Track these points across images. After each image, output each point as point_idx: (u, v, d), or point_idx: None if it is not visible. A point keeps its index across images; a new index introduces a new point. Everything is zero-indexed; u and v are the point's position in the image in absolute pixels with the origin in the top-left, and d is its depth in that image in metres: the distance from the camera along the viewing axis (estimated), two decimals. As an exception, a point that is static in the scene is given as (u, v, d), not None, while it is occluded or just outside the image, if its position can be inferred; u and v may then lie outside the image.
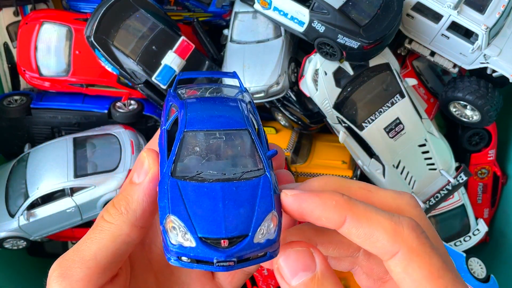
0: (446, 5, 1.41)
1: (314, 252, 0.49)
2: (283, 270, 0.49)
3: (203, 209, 0.51)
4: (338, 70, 1.50)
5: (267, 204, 0.51)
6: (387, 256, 0.48)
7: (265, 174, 0.54)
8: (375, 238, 0.48)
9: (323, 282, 0.47)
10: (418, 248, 0.47)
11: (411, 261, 0.47)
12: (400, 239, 0.47)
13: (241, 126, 0.57)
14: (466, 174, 1.61)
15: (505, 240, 1.81)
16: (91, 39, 1.49)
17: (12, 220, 1.52)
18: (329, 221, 0.50)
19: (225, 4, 1.75)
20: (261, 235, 0.50)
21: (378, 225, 0.48)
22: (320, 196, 0.50)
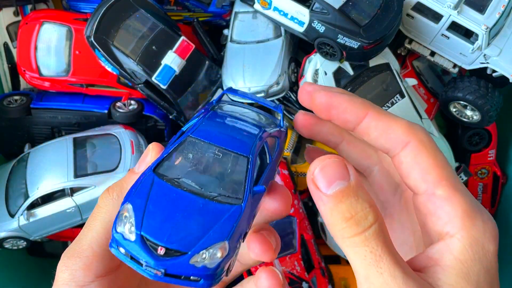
0: (446, 5, 1.41)
1: (347, 165, 0.51)
2: (319, 180, 0.50)
3: (160, 211, 0.50)
4: (338, 70, 1.50)
5: (223, 233, 0.49)
6: (399, 147, 0.54)
7: (239, 206, 0.51)
8: (392, 129, 0.55)
9: (357, 190, 0.49)
10: (427, 142, 0.54)
11: (420, 151, 0.53)
12: (413, 132, 0.54)
13: (243, 152, 0.55)
14: (466, 174, 1.61)
15: (505, 240, 1.81)
16: (91, 39, 1.49)
17: (12, 220, 1.52)
18: (354, 113, 0.57)
19: (225, 4, 1.75)
20: (200, 259, 0.48)
21: (395, 120, 0.55)
22: (348, 93, 0.58)
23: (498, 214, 1.89)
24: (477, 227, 0.52)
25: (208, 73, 1.65)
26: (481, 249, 0.51)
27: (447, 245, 0.50)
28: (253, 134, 0.57)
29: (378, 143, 0.57)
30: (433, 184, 0.52)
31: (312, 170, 0.50)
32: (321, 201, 0.50)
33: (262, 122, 0.63)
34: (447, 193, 0.52)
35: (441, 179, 0.52)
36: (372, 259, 0.46)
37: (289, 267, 1.53)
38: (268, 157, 0.59)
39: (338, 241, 0.50)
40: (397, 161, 0.55)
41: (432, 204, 0.52)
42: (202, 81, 1.64)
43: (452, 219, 0.51)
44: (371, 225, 0.48)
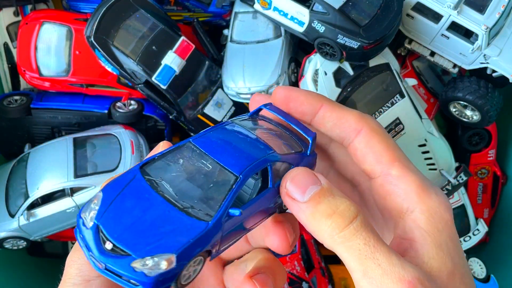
0: (446, 5, 1.41)
1: (312, 171, 0.54)
2: (293, 191, 0.52)
3: (126, 207, 0.50)
4: (338, 70, 1.50)
5: (175, 245, 0.47)
6: (353, 134, 0.59)
7: (205, 223, 0.49)
8: (345, 119, 0.59)
9: (331, 190, 0.51)
10: (377, 128, 0.59)
11: (372, 137, 0.58)
12: (364, 120, 0.59)
13: (235, 170, 0.53)
14: (466, 174, 1.61)
15: (505, 240, 1.81)
16: (91, 39, 1.49)
17: (12, 220, 1.52)
18: (310, 104, 0.61)
19: (225, 4, 1.75)
20: (141, 265, 0.46)
21: (347, 111, 0.61)
22: (305, 90, 0.63)
23: (498, 214, 1.89)
24: (432, 199, 0.54)
25: (208, 73, 1.65)
26: (441, 218, 0.53)
27: (413, 220, 0.53)
28: (256, 156, 0.55)
29: (334, 132, 0.61)
30: (387, 165, 0.56)
31: (283, 185, 0.53)
32: (301, 210, 0.51)
33: (282, 146, 0.60)
34: (400, 172, 0.56)
35: (394, 160, 0.56)
36: (367, 251, 0.47)
37: (289, 267, 1.53)
38: (270, 183, 0.56)
39: (328, 243, 0.50)
40: (352, 148, 0.60)
41: (389, 184, 0.56)
42: (202, 81, 1.64)
43: (408, 194, 0.54)
44: (356, 215, 0.49)
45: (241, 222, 0.54)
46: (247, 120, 0.64)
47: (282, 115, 0.63)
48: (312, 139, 0.62)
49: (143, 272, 0.46)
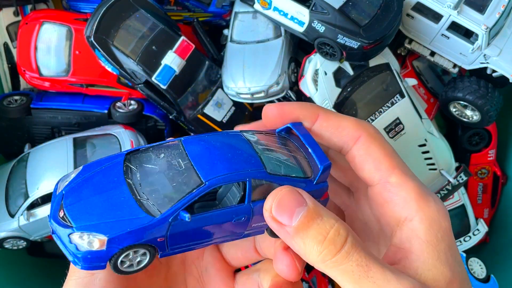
0: (446, 5, 1.41)
1: (297, 188, 0.52)
2: (279, 216, 0.50)
3: (93, 185, 0.53)
4: (338, 70, 1.50)
5: (112, 229, 0.49)
6: (351, 142, 0.58)
7: (150, 218, 0.51)
8: (342, 127, 0.58)
9: (317, 210, 0.50)
10: (376, 135, 0.58)
11: (371, 143, 0.57)
12: (362, 127, 0.58)
13: (202, 176, 0.53)
14: (466, 174, 1.61)
15: (505, 240, 1.81)
16: (91, 39, 1.49)
17: (12, 220, 1.52)
18: (305, 117, 0.59)
19: (225, 4, 1.75)
20: (78, 237, 0.49)
21: (344, 118, 0.59)
22: (298, 102, 0.66)
23: (498, 214, 1.89)
24: (431, 208, 0.54)
25: (208, 73, 1.65)
26: (439, 227, 0.53)
27: (411, 230, 0.53)
28: (238, 168, 0.54)
29: (331, 142, 0.60)
30: (386, 172, 0.56)
31: (268, 209, 0.50)
32: (289, 236, 0.49)
33: (282, 167, 0.58)
34: (399, 179, 0.56)
35: (393, 168, 0.56)
36: (361, 271, 0.46)
37: (289, 267, 1.53)
38: (246, 199, 0.56)
39: (320, 267, 0.49)
40: (351, 156, 0.59)
41: (387, 191, 0.55)
42: (202, 81, 1.64)
43: (408, 203, 0.54)
44: (346, 238, 0.48)
45: (195, 229, 0.53)
46: (259, 134, 0.62)
47: (305, 137, 0.61)
48: (323, 168, 0.58)
49: (76, 245, 0.50)
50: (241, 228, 0.58)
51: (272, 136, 0.63)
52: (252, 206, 0.56)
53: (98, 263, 0.51)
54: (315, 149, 0.60)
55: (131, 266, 0.54)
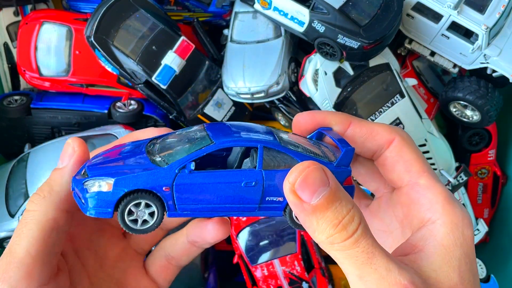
0: (446, 5, 1.41)
1: (323, 167, 0.51)
2: (301, 191, 0.49)
3: (117, 154, 0.57)
4: (338, 70, 1.50)
5: (119, 175, 0.53)
6: (385, 145, 0.60)
7: (157, 167, 0.54)
8: (376, 132, 0.60)
9: (338, 192, 0.50)
10: (408, 139, 0.60)
11: (404, 146, 0.59)
12: (395, 131, 0.60)
13: (214, 139, 0.56)
14: (466, 174, 1.61)
15: (505, 240, 1.81)
16: (91, 39, 1.49)
17: (12, 220, 1.52)
18: (338, 123, 0.61)
19: (225, 4, 1.75)
20: (89, 183, 0.53)
21: (376, 124, 0.61)
22: (329, 110, 0.63)
23: (498, 214, 1.89)
24: (457, 213, 0.54)
25: (208, 73, 1.65)
26: (461, 234, 0.52)
27: (430, 231, 0.53)
28: (251, 138, 0.57)
29: (365, 147, 0.61)
30: (416, 174, 0.57)
31: (292, 181, 0.49)
32: (305, 211, 0.49)
33: (300, 147, 0.59)
34: (428, 182, 0.56)
35: (423, 171, 0.57)
36: (364, 258, 0.47)
37: (289, 267, 1.53)
38: (258, 165, 0.56)
39: (324, 247, 0.50)
40: (382, 158, 0.60)
41: (415, 192, 0.56)
42: (202, 81, 1.64)
43: (433, 205, 0.54)
44: (358, 226, 0.48)
45: (203, 187, 0.55)
46: (286, 133, 0.62)
47: (334, 135, 0.61)
48: (345, 150, 0.57)
49: (86, 189, 0.53)
50: (254, 200, 0.57)
51: (300, 136, 0.63)
52: (264, 173, 0.56)
53: (105, 207, 0.53)
54: (341, 141, 0.60)
55: (136, 222, 0.55)
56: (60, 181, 0.55)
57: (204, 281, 1.63)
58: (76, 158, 0.57)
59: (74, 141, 0.58)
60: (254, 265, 1.55)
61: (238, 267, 1.58)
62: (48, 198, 0.54)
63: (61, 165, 0.57)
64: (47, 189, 0.55)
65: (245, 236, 1.57)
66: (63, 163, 0.57)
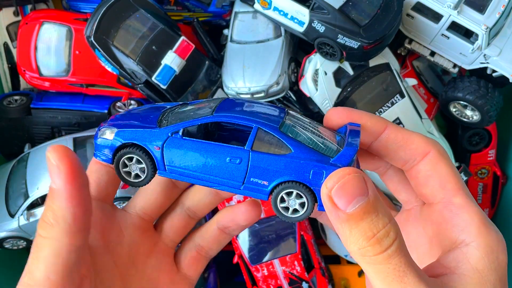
0: (446, 5, 1.41)
1: (365, 176, 0.49)
2: (338, 198, 0.47)
3: (136, 114, 0.64)
4: (338, 70, 1.50)
5: (122, 127, 0.60)
6: (419, 157, 0.56)
7: (155, 127, 0.60)
8: (411, 141, 0.57)
9: (377, 205, 0.47)
10: (445, 153, 0.57)
11: (440, 160, 0.55)
12: (432, 144, 0.56)
13: (215, 113, 0.59)
14: (466, 174, 1.61)
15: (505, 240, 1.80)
16: (91, 39, 1.49)
17: (12, 220, 1.52)
18: (374, 125, 0.58)
19: (225, 4, 1.75)
20: (102, 131, 0.61)
21: (413, 133, 0.58)
22: (367, 112, 0.60)
23: (498, 214, 1.89)
24: (492, 237, 0.52)
25: (208, 73, 1.65)
26: (496, 258, 0.51)
27: (464, 253, 0.51)
28: (251, 117, 0.58)
29: (397, 155, 0.58)
30: (451, 192, 0.54)
31: (329, 187, 0.47)
32: (339, 219, 0.47)
33: (303, 137, 0.58)
34: (464, 202, 0.53)
35: (458, 189, 0.54)
36: (395, 276, 0.46)
37: (289, 267, 1.53)
38: (247, 144, 0.57)
39: (355, 257, 0.48)
40: (415, 171, 0.57)
41: (449, 211, 0.53)
42: (202, 81, 1.64)
43: (468, 226, 0.52)
44: (393, 242, 0.46)
45: (190, 154, 0.57)
46: (307, 118, 0.62)
47: (350, 132, 0.58)
48: (344, 150, 0.54)
49: (97, 134, 0.61)
50: (237, 177, 0.57)
51: (321, 125, 0.62)
52: (252, 154, 0.56)
53: (106, 154, 0.60)
54: (352, 135, 0.57)
55: (129, 172, 0.60)
56: (59, 205, 0.52)
57: (204, 281, 1.63)
58: (65, 176, 0.50)
59: (53, 155, 0.51)
60: (254, 265, 1.55)
61: (238, 267, 1.58)
62: (56, 226, 0.52)
63: (53, 185, 0.52)
64: (51, 216, 0.53)
65: (245, 236, 1.57)
66: (55, 183, 0.52)
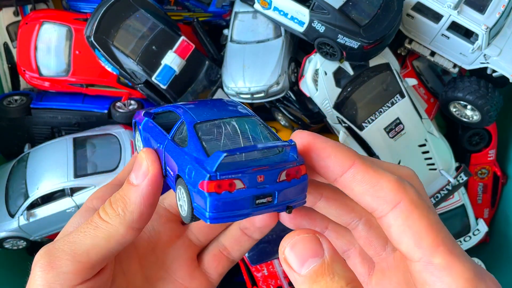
0: (446, 5, 1.41)
1: (321, 238, 0.47)
2: (290, 260, 0.46)
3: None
4: (338, 70, 1.50)
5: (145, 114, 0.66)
6: (388, 207, 0.48)
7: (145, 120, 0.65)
8: (380, 186, 0.48)
9: (333, 266, 0.45)
10: (418, 202, 0.48)
11: (412, 212, 0.47)
12: (403, 190, 0.48)
13: (181, 114, 0.59)
14: (466, 174, 1.61)
15: (505, 241, 1.80)
16: (91, 39, 1.49)
17: (12, 220, 1.52)
18: (338, 160, 0.50)
19: (225, 4, 1.75)
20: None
21: (383, 175, 0.49)
22: (334, 141, 0.52)
23: (498, 214, 1.89)
24: None
25: (208, 73, 1.65)
26: None
27: None
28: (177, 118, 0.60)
29: (364, 200, 0.50)
30: (429, 250, 0.47)
31: (282, 249, 0.46)
32: (295, 281, 0.46)
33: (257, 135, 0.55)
34: (445, 261, 0.46)
35: (437, 245, 0.46)
36: None
37: (289, 267, 1.53)
38: (170, 133, 0.56)
39: None
40: (386, 223, 0.49)
41: (430, 274, 0.47)
42: (202, 81, 1.64)
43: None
44: None
45: (146, 132, 0.63)
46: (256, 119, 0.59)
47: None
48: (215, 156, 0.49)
49: None
50: (161, 163, 0.58)
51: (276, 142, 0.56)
52: (167, 142, 0.56)
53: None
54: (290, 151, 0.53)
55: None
56: (134, 200, 0.54)
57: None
58: (151, 178, 0.54)
59: (148, 157, 0.55)
60: (254, 265, 1.55)
61: (238, 267, 1.58)
62: (122, 217, 0.54)
63: (135, 181, 0.55)
64: (122, 206, 0.54)
65: (245, 236, 1.57)
66: (137, 180, 0.55)
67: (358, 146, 1.55)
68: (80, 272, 0.53)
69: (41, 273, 0.53)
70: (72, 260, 0.53)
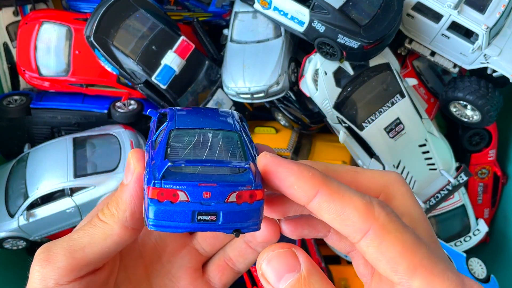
0: (446, 5, 1.41)
1: (297, 251, 0.46)
2: (268, 275, 0.46)
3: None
4: (338, 70, 1.50)
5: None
6: (358, 235, 0.46)
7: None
8: (346, 216, 0.46)
9: (310, 280, 0.45)
10: (389, 226, 0.46)
11: (383, 239, 0.46)
12: (371, 216, 0.46)
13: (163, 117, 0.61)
14: (467, 174, 1.61)
15: (506, 241, 1.80)
16: (91, 39, 1.49)
17: (12, 220, 1.52)
18: (301, 190, 0.48)
19: (225, 4, 1.75)
20: None
21: (349, 202, 0.47)
22: (298, 165, 0.49)
23: (498, 214, 1.89)
24: None
25: (208, 73, 1.65)
26: None
27: None
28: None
29: (335, 227, 0.48)
30: (407, 275, 0.45)
31: (259, 265, 0.46)
32: None
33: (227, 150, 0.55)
34: (425, 282, 0.44)
35: (415, 268, 0.45)
36: None
37: (289, 267, 1.53)
38: (159, 148, 0.56)
39: None
40: (360, 249, 0.48)
41: None
42: (202, 81, 1.63)
43: None
44: None
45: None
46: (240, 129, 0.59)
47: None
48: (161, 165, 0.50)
49: None
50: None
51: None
52: (151, 142, 0.57)
53: None
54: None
55: None
56: (125, 199, 0.55)
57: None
58: (137, 176, 0.55)
59: (133, 156, 0.56)
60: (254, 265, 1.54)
61: (238, 267, 1.58)
62: (116, 216, 0.55)
63: (125, 180, 0.57)
64: (115, 206, 0.56)
65: (245, 236, 1.57)
66: (126, 179, 0.56)
67: (358, 146, 1.55)
68: (74, 268, 0.54)
69: (39, 267, 0.54)
70: (67, 255, 0.54)
